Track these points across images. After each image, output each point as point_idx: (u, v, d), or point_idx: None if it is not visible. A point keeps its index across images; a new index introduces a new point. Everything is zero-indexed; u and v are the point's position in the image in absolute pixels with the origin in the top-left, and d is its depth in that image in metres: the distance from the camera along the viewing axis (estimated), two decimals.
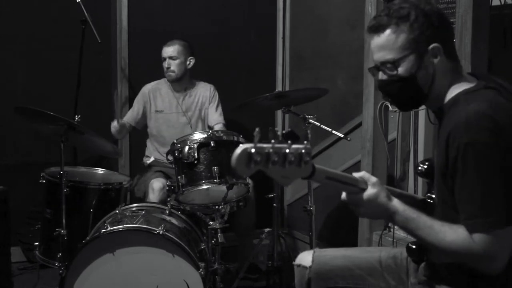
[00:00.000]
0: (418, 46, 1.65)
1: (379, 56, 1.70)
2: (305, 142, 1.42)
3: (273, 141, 1.38)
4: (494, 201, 1.53)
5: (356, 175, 1.65)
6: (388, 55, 1.68)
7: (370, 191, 1.62)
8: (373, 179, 1.64)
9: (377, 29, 1.69)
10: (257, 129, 1.39)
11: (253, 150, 1.35)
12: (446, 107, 1.69)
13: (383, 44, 1.68)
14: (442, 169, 1.65)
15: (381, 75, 1.73)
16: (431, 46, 1.66)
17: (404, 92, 1.71)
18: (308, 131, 3.15)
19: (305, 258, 2.01)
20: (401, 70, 1.67)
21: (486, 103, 1.57)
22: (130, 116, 3.85)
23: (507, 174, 1.53)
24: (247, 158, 1.35)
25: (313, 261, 1.98)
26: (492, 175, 1.52)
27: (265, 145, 1.37)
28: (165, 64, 3.74)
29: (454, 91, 1.69)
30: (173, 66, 3.72)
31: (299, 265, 2.01)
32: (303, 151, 1.41)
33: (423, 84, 1.69)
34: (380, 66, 1.71)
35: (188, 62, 3.76)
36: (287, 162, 1.39)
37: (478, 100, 1.59)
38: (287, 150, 1.39)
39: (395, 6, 1.68)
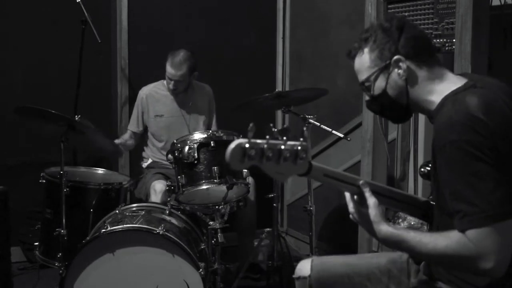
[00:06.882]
0: (381, 62, 1.72)
1: (359, 79, 1.80)
2: (301, 139, 1.41)
3: (268, 137, 1.38)
4: (483, 196, 1.49)
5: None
6: (361, 77, 1.78)
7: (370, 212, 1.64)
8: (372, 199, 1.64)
9: (349, 55, 1.81)
10: (251, 124, 1.39)
11: (247, 145, 1.34)
12: (435, 112, 1.67)
13: (357, 68, 1.79)
14: (433, 174, 1.64)
15: (366, 97, 1.82)
16: (393, 59, 1.70)
17: (384, 109, 1.80)
18: (304, 129, 3.15)
19: (303, 268, 2.00)
20: (373, 88, 1.75)
21: (473, 102, 1.55)
22: (133, 124, 3.81)
23: (493, 170, 1.49)
24: (241, 153, 1.34)
25: (312, 269, 1.97)
26: (477, 172, 1.49)
27: (259, 141, 1.37)
28: (170, 85, 3.64)
29: (441, 95, 1.67)
30: (180, 87, 3.65)
31: (298, 278, 2.00)
32: (299, 148, 1.40)
33: (397, 97, 1.74)
34: (361, 88, 1.80)
35: (192, 77, 3.68)
36: (282, 158, 1.38)
37: (466, 100, 1.57)
38: (282, 147, 1.39)
39: (362, 32, 1.79)
